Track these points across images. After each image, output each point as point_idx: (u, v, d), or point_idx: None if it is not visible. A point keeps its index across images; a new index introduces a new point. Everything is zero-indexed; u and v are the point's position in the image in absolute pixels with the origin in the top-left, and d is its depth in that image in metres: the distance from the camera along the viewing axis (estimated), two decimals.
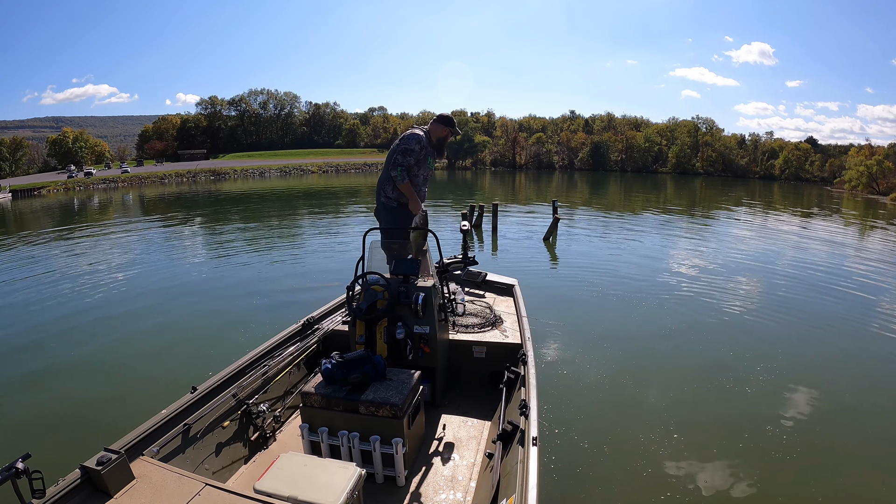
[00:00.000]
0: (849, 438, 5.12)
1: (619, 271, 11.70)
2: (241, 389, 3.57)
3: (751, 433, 5.09)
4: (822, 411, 5.63)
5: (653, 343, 7.49)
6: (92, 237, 18.70)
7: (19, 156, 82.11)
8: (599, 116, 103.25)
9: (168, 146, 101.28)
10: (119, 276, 11.73)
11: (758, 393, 5.95)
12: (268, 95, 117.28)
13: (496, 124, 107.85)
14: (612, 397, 5.85)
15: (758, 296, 10.13)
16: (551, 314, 8.25)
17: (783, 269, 12.59)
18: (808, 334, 8.08)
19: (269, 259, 13.63)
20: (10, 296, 10.20)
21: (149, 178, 65.16)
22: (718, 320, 8.50)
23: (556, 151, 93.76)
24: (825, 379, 6.41)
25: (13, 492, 2.10)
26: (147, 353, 7.02)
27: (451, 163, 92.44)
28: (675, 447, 4.84)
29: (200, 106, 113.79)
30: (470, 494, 3.08)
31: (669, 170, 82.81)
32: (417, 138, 4.68)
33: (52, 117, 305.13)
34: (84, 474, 2.42)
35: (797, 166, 73.52)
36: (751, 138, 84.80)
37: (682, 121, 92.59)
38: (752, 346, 7.35)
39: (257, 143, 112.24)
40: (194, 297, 9.83)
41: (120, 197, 42.92)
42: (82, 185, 58.15)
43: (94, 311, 8.97)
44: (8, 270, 12.78)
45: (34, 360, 6.90)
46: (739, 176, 76.20)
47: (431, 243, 4.39)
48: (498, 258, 13.75)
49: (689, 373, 6.51)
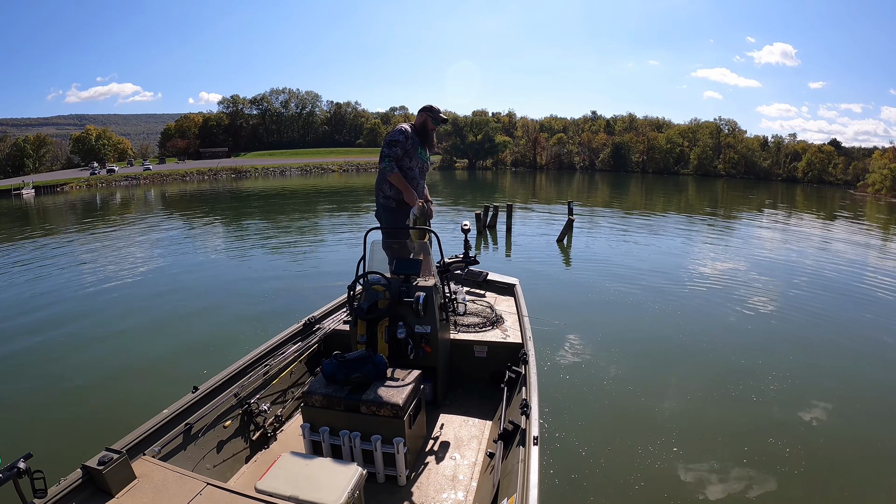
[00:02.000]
0: (867, 454, 4.96)
1: (631, 274, 11.57)
2: (243, 389, 3.58)
3: (757, 442, 5.01)
4: (836, 426, 5.47)
5: (658, 346, 7.44)
6: (104, 235, 19.11)
7: (43, 152, 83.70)
8: (621, 117, 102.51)
9: (190, 144, 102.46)
10: (124, 274, 11.89)
11: (767, 401, 5.83)
12: (289, 94, 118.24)
13: (517, 124, 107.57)
14: (614, 398, 5.83)
15: (774, 302, 9.92)
16: (557, 315, 8.18)
17: (803, 275, 12.35)
18: (827, 343, 7.88)
19: (277, 258, 13.80)
20: (11, 294, 10.33)
21: (170, 176, 65.99)
22: (729, 325, 8.39)
23: (577, 152, 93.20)
24: (841, 391, 6.21)
25: (15, 492, 2.10)
26: (148, 353, 7.06)
27: (472, 163, 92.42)
28: (677, 450, 4.80)
29: (222, 105, 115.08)
30: (471, 494, 3.07)
31: (691, 171, 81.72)
32: (402, 129, 4.68)
33: (75, 115, 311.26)
34: (85, 474, 2.42)
35: (820, 169, 72.01)
36: (773, 140, 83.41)
37: (704, 122, 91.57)
38: (764, 353, 7.21)
39: (279, 142, 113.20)
40: (196, 296, 9.91)
41: (142, 194, 43.62)
42: (104, 182, 59.14)
43: (96, 310, 9.06)
44: (12, 268, 13.01)
45: (35, 360, 6.97)
46: (762, 178, 74.94)
47: (433, 243, 4.40)
48: (509, 259, 13.74)
49: (694, 377, 6.45)
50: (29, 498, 2.17)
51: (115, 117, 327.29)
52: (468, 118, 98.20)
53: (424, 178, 4.96)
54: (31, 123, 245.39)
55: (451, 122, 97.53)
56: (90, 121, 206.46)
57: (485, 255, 14.17)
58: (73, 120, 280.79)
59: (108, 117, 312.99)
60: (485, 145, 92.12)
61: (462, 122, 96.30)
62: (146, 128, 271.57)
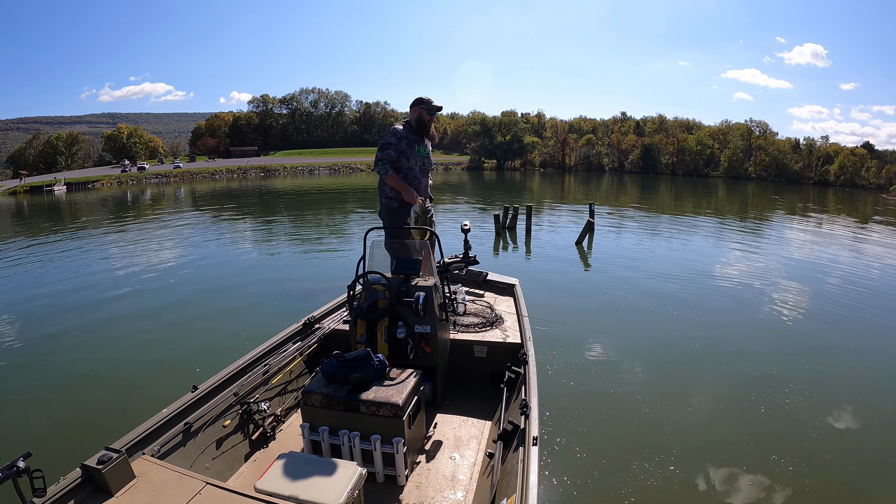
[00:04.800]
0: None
1: (646, 278, 11.30)
2: (242, 388, 3.59)
3: (762, 446, 4.91)
4: (849, 444, 5.16)
5: (661, 349, 7.33)
6: (114, 232, 19.53)
7: (75, 150, 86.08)
8: (651, 118, 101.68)
9: (220, 143, 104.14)
10: (128, 272, 12.05)
11: (778, 410, 5.62)
12: (319, 94, 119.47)
13: (546, 125, 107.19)
14: (615, 399, 5.78)
15: (794, 310, 9.57)
16: (559, 316, 8.03)
17: (832, 283, 11.84)
18: (854, 353, 7.49)
19: (279, 257, 13.97)
20: (10, 294, 10.47)
21: (200, 174, 67.13)
22: (737, 329, 8.18)
23: (607, 153, 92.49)
24: (861, 409, 5.81)
25: (14, 491, 2.11)
26: (148, 352, 7.08)
27: (500, 163, 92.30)
28: (677, 452, 4.76)
29: (252, 104, 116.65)
30: (470, 494, 3.06)
31: (721, 174, 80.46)
32: (393, 131, 4.71)
33: (108, 113, 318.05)
34: (85, 473, 2.43)
35: (853, 172, 69.95)
36: (805, 142, 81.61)
37: (734, 123, 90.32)
38: (772, 358, 6.99)
39: (308, 141, 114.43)
40: (197, 295, 10.00)
41: (171, 191, 44.52)
42: (135, 180, 60.35)
43: (95, 308, 9.13)
44: (13, 266, 13.30)
45: (35, 358, 7.02)
46: (793, 181, 73.19)
47: (433, 243, 4.39)
48: (524, 261, 13.66)
49: (698, 381, 6.35)
50: (28, 497, 2.18)
51: (146, 116, 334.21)
52: (497, 118, 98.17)
53: (427, 175, 5.00)
54: (64, 121, 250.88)
55: (479, 122, 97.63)
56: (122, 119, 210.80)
57: (503, 257, 14.15)
58: (106, 118, 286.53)
59: (139, 116, 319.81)
60: (513, 146, 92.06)
61: (490, 122, 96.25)
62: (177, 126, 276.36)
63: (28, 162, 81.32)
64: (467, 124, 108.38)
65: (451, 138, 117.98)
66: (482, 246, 14.88)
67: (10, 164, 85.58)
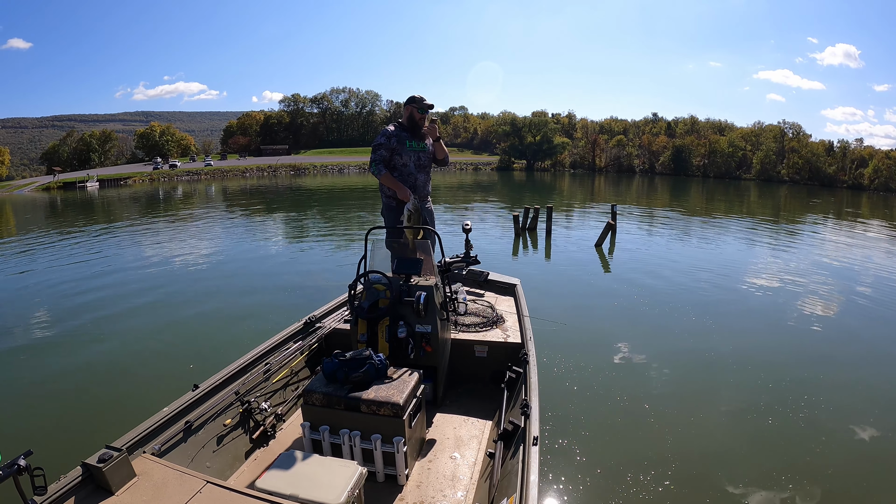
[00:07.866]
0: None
1: (659, 282, 10.98)
2: (243, 387, 3.61)
3: (768, 451, 4.81)
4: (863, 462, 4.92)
5: (665, 351, 7.15)
6: (138, 230, 19.82)
7: (108, 147, 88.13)
8: (682, 119, 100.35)
9: (251, 141, 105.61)
10: (131, 271, 12.18)
11: (789, 421, 5.41)
12: (349, 94, 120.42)
13: (577, 126, 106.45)
14: (615, 400, 5.72)
15: (814, 317, 9.30)
16: (561, 316, 7.93)
17: (866, 291, 11.34)
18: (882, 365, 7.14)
19: (281, 257, 14.00)
20: (10, 294, 10.60)
21: (231, 172, 68.06)
22: (746, 334, 7.94)
23: (637, 154, 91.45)
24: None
25: (15, 489, 2.11)
26: (149, 351, 7.10)
27: (530, 164, 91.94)
28: (678, 453, 4.71)
29: (284, 103, 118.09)
30: (470, 493, 3.06)
31: (753, 176, 78.63)
32: (383, 131, 4.87)
33: (141, 112, 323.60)
34: (85, 471, 2.44)
35: (887, 176, 67.80)
36: (839, 145, 79.22)
37: (767, 125, 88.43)
38: (800, 370, 6.70)
39: (338, 140, 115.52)
40: (198, 293, 10.03)
41: (202, 188, 45.30)
42: (166, 177, 61.46)
43: (96, 307, 9.16)
44: (18, 263, 13.56)
45: (35, 356, 7.07)
46: (826, 185, 71.07)
47: (434, 243, 4.40)
48: (539, 262, 13.59)
49: (706, 387, 6.21)
50: (29, 495, 2.18)
51: (179, 114, 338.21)
52: (527, 119, 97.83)
53: (425, 172, 5.09)
54: (98, 119, 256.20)
55: (509, 122, 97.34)
56: (155, 118, 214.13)
57: (522, 258, 14.08)
58: (139, 117, 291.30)
59: (172, 114, 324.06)
60: (543, 146, 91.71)
61: (521, 122, 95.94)
62: (210, 125, 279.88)
63: (62, 159, 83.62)
64: (497, 124, 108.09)
65: (481, 138, 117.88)
66: (499, 247, 14.90)
67: (45, 161, 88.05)
